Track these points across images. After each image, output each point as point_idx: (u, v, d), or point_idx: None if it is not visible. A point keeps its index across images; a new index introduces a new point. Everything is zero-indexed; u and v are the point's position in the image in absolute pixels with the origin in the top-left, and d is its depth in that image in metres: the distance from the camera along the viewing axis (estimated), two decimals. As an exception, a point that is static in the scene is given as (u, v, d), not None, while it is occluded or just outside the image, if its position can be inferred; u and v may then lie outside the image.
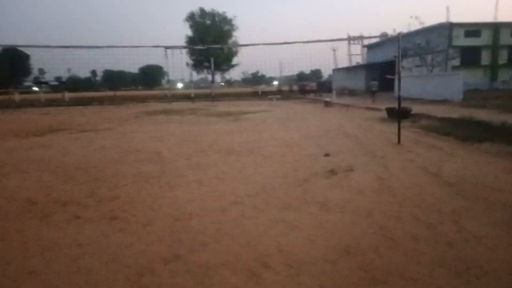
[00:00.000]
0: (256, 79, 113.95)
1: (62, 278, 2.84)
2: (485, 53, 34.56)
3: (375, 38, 47.67)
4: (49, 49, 23.85)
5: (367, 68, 44.58)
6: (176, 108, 24.67)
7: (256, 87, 56.33)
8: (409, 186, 4.88)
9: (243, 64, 68.12)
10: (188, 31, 61.07)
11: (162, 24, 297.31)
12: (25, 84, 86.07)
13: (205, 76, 73.31)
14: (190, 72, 60.50)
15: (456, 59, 32.08)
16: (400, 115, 12.27)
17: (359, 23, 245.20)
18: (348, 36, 59.27)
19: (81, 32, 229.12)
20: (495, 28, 34.56)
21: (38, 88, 73.93)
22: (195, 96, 35.12)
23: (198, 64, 61.11)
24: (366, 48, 55.58)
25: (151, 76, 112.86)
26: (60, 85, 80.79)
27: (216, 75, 64.37)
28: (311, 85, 57.32)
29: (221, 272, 2.84)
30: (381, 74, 40.55)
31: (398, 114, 11.75)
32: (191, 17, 61.01)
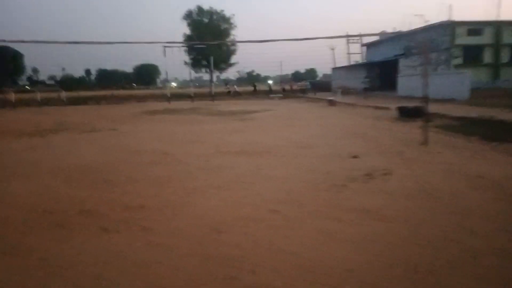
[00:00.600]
0: (251, 78, 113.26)
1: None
2: (487, 51, 34.36)
3: (374, 36, 47.18)
4: (43, 47, 23.31)
5: (367, 67, 44.25)
6: (177, 107, 24.19)
7: (228, 86, 52.15)
8: (454, 192, 4.50)
9: (239, 63, 66.92)
10: (186, 30, 60.42)
11: (162, 24, 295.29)
12: (20, 83, 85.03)
13: (200, 75, 72.52)
14: (189, 71, 59.84)
15: (459, 58, 31.86)
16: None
17: (358, 23, 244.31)
18: (347, 34, 58.96)
19: (76, 28, 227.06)
20: (498, 26, 34.37)
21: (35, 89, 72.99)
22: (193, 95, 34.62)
23: (195, 63, 60.44)
24: (365, 47, 55.24)
25: (146, 75, 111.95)
26: (56, 84, 79.88)
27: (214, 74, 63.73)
28: (299, 84, 56.88)
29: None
30: (380, 72, 40.35)
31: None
32: (188, 15, 60.28)
